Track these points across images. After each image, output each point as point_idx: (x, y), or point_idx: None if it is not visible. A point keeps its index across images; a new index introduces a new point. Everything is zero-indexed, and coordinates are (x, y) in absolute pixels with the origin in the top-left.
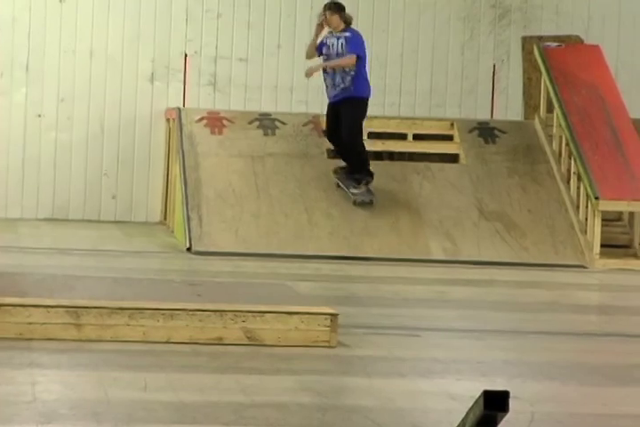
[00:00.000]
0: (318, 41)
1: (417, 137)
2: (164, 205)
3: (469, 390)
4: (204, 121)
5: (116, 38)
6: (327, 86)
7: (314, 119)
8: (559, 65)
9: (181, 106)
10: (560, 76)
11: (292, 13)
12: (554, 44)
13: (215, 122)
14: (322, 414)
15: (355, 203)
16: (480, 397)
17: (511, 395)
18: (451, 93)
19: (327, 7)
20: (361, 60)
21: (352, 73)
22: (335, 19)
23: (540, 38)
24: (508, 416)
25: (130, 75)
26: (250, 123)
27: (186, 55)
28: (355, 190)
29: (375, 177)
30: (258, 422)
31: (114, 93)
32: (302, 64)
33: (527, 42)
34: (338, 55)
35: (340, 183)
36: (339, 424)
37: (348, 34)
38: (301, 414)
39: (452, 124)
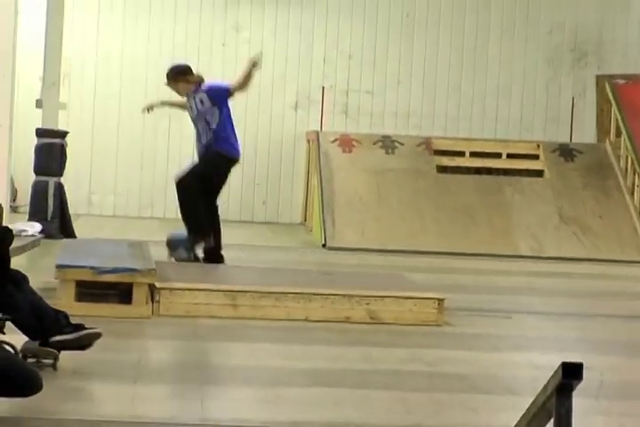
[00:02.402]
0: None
1: (510, 156)
2: (304, 209)
3: (550, 362)
4: (338, 142)
5: (267, 75)
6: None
7: (426, 140)
8: (626, 98)
9: (319, 129)
10: (627, 107)
11: (410, 54)
12: (622, 82)
13: (346, 142)
14: (429, 379)
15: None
16: (559, 367)
17: (585, 366)
18: (537, 121)
19: (168, 78)
20: (226, 109)
21: (214, 127)
22: (182, 86)
23: (611, 76)
24: (582, 383)
25: (278, 104)
26: (374, 143)
27: (323, 88)
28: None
29: (474, 189)
30: (378, 386)
31: (265, 119)
32: (417, 96)
33: (600, 79)
34: (201, 113)
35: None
36: (442, 387)
37: (204, 88)
38: (413, 379)
39: (538, 146)
